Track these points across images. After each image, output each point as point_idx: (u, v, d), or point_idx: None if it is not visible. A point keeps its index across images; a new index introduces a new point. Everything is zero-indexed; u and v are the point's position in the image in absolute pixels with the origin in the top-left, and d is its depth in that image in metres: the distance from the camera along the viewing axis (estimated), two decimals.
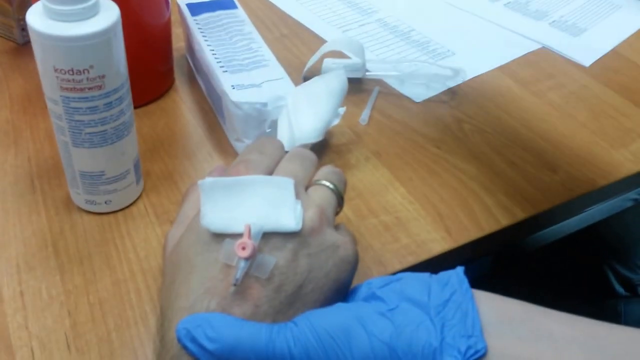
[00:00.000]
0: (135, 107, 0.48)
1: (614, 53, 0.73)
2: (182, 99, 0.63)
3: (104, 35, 0.41)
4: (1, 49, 0.68)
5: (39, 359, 0.40)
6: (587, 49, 0.73)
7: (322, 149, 0.56)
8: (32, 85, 0.63)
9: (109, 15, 0.42)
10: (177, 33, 0.65)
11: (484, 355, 0.31)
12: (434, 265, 0.48)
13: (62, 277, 0.45)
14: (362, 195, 0.52)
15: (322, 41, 0.71)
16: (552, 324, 0.32)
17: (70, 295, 0.44)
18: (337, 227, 0.39)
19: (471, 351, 0.31)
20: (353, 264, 0.38)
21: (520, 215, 0.51)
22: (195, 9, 0.63)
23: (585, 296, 0.85)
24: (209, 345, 0.32)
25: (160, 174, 0.53)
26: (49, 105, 0.44)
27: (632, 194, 0.61)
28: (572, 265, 0.87)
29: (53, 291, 0.44)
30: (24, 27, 0.68)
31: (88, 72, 0.42)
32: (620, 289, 0.84)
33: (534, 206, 0.52)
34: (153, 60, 0.60)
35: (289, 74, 0.56)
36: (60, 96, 0.43)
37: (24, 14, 0.66)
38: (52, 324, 0.42)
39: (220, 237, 0.36)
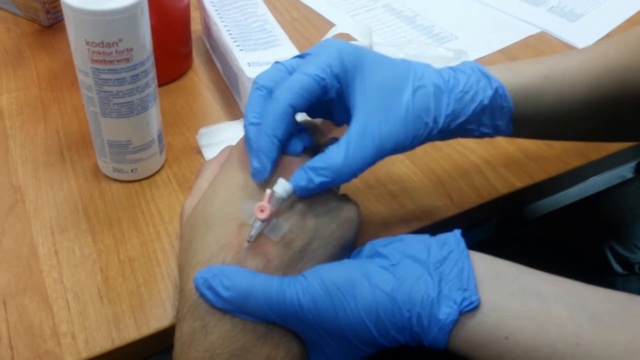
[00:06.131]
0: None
1: (609, 37, 0.76)
2: (199, 79, 0.66)
3: (131, 10, 0.45)
4: (28, 31, 0.72)
5: (74, 308, 0.43)
6: (583, 33, 0.76)
7: None
8: (57, 65, 0.66)
9: None
10: (194, 16, 0.69)
11: (477, 306, 0.34)
12: (437, 229, 0.51)
13: (93, 238, 0.48)
14: None
15: (331, 25, 0.74)
16: (540, 282, 0.36)
17: (101, 254, 0.47)
18: (341, 195, 0.43)
19: (466, 302, 0.34)
20: (356, 224, 0.41)
21: (518, 184, 0.54)
22: None
23: (584, 274, 0.87)
24: (225, 293, 0.35)
25: (181, 147, 0.57)
26: (80, 77, 0.48)
27: (622, 171, 0.64)
28: (572, 246, 0.90)
29: (85, 250, 0.47)
30: (48, 10, 0.71)
31: (117, 44, 0.45)
32: (618, 268, 0.87)
33: (531, 177, 0.55)
34: (174, 43, 0.64)
35: None
36: (91, 68, 0.46)
37: None
38: (86, 279, 0.45)
39: (233, 202, 0.39)
